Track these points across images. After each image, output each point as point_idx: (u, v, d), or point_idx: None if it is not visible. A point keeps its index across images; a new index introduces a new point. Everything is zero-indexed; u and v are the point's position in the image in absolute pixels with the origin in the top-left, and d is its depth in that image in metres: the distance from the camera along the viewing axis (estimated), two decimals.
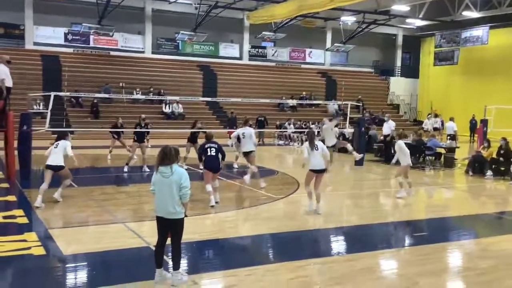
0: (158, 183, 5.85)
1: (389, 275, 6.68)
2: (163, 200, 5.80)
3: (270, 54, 37.24)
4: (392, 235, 8.99)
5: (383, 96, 39.06)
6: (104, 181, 13.23)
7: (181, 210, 5.84)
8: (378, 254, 7.44)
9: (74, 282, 6.05)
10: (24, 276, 6.19)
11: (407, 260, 7.26)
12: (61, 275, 6.26)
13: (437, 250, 7.67)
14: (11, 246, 7.08)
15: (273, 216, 9.67)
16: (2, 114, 12.52)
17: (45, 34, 30.19)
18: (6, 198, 10.61)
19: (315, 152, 9.55)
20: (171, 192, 5.74)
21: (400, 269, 6.89)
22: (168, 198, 5.76)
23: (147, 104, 29.73)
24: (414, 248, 7.97)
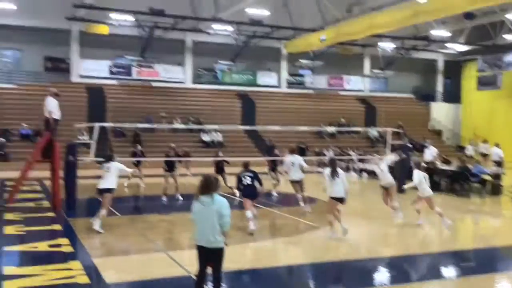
0: (198, 212, 5.89)
1: None
2: (204, 229, 5.82)
3: (308, 81, 37.36)
4: (438, 265, 8.69)
5: (424, 122, 38.35)
6: (145, 210, 13.43)
7: (221, 239, 5.84)
8: (424, 285, 7.21)
9: None
10: None
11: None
12: None
13: (485, 281, 7.36)
14: (56, 274, 7.24)
15: (313, 245, 9.55)
16: (49, 145, 12.99)
17: (90, 67, 31.36)
18: (52, 227, 10.91)
19: (336, 180, 9.69)
20: (212, 221, 5.77)
21: None
22: (208, 227, 5.78)
23: (186, 133, 30.22)
24: (461, 279, 7.68)
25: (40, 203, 13.94)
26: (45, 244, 9.09)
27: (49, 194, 14.55)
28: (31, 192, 15.84)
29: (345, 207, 12.72)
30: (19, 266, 7.87)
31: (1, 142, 25.08)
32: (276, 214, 12.76)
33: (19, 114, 27.07)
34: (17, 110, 27.42)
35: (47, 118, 12.92)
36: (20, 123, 26.47)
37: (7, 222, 10.94)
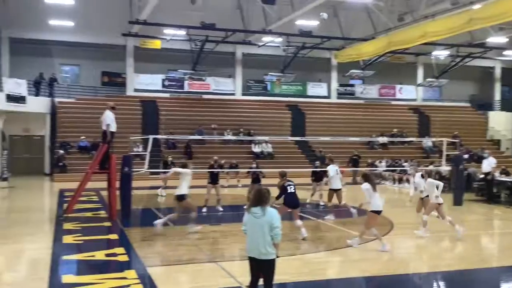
0: (249, 223, 5.91)
1: None
2: (255, 240, 5.83)
3: (359, 91, 36.91)
4: (499, 281, 8.31)
5: (482, 132, 36.94)
6: (198, 221, 13.59)
7: (272, 251, 5.83)
8: None
9: None
10: None
11: None
12: None
13: None
14: (112, 283, 7.43)
15: (365, 258, 9.35)
16: (106, 157, 13.43)
17: (144, 81, 32.31)
18: (108, 237, 11.24)
19: (377, 194, 9.76)
20: (263, 233, 5.77)
21: None
22: (259, 238, 5.79)
23: (237, 144, 30.47)
24: None
25: (97, 213, 14.40)
26: (102, 253, 9.37)
27: (105, 204, 15.01)
28: (88, 202, 16.41)
29: (399, 219, 12.47)
30: (77, 274, 8.13)
31: (60, 154, 26.15)
32: (327, 226, 12.61)
33: (77, 127, 28.18)
34: (76, 123, 28.55)
35: (105, 130, 13.38)
36: (78, 135, 27.53)
37: (66, 232, 11.36)
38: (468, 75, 38.02)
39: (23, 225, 12.56)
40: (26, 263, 9.09)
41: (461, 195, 16.57)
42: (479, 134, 36.43)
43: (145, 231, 12.33)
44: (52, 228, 11.98)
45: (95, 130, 22.83)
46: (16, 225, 12.75)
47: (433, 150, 31.77)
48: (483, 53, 33.29)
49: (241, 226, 6.08)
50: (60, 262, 8.87)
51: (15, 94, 25.97)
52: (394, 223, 12.89)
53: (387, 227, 12.43)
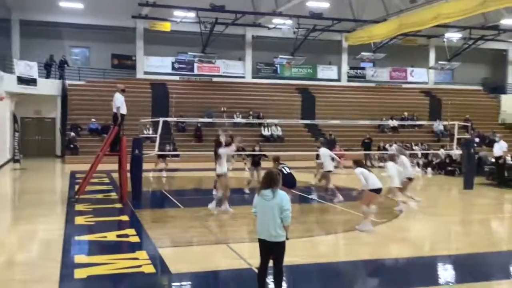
0: (260, 206, 5.93)
1: None
2: (265, 223, 5.86)
3: (369, 74, 36.62)
4: (508, 264, 8.30)
5: (494, 115, 36.56)
6: (208, 203, 13.68)
7: (282, 233, 5.86)
8: (492, 285, 6.91)
9: None
10: None
11: None
12: None
13: None
14: (124, 263, 7.53)
15: (375, 241, 9.38)
16: (116, 139, 13.51)
17: (154, 64, 32.29)
18: (120, 218, 11.35)
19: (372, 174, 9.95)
20: (273, 215, 5.80)
21: None
22: (270, 221, 5.81)
23: (247, 127, 30.45)
24: None
25: (108, 194, 14.54)
26: (113, 234, 9.47)
27: (116, 186, 15.14)
28: (99, 184, 16.55)
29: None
30: (89, 255, 8.24)
31: (71, 136, 26.35)
32: (337, 209, 12.64)
33: (88, 110, 28.33)
34: (86, 105, 28.69)
35: (115, 113, 13.43)
36: (89, 118, 27.68)
37: (77, 213, 11.49)
38: (481, 58, 37.54)
39: (36, 206, 12.71)
40: (39, 244, 9.23)
41: (471, 179, 16.48)
42: (491, 117, 36.07)
43: (156, 213, 12.45)
44: (64, 209, 12.12)
45: (106, 113, 22.95)
46: (28, 206, 12.92)
47: (444, 133, 31.56)
48: (496, 35, 32.80)
49: (249, 208, 6.11)
50: (72, 242, 8.99)
51: (26, 76, 26.11)
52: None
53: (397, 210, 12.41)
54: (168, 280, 6.98)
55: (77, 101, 28.94)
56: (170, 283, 6.88)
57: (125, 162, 13.58)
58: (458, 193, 16.13)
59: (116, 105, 13.35)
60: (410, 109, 33.75)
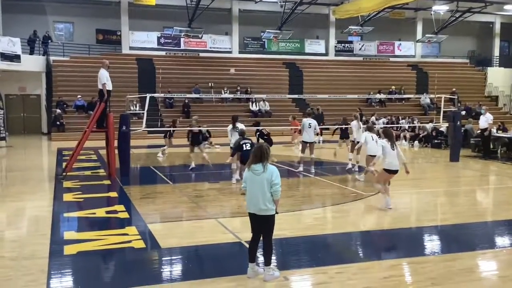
0: (249, 180, 5.95)
1: (490, 276, 6.31)
2: (255, 197, 5.90)
3: (357, 48, 36.52)
4: (493, 234, 8.46)
5: (480, 88, 36.85)
6: (196, 178, 13.71)
7: (272, 207, 5.90)
8: (478, 254, 7.05)
9: (170, 274, 6.34)
10: (126, 268, 6.58)
11: (510, 261, 6.82)
12: (159, 268, 6.58)
13: None
14: (114, 239, 7.56)
15: (363, 214, 9.51)
16: (103, 116, 13.40)
17: (139, 39, 31.86)
18: (108, 194, 11.35)
19: (392, 152, 9.35)
20: (263, 189, 5.83)
21: (502, 271, 6.48)
22: (259, 195, 5.85)
23: (235, 103, 30.37)
24: None
25: (96, 171, 14.49)
26: (102, 211, 9.47)
27: (104, 163, 15.08)
28: (87, 161, 16.49)
29: (398, 175, 12.60)
30: (78, 231, 8.24)
31: (57, 113, 26.07)
32: (324, 183, 12.74)
33: (73, 86, 27.99)
34: (71, 82, 28.33)
35: (101, 89, 13.29)
36: (75, 94, 27.36)
37: (65, 190, 11.46)
38: (468, 30, 37.60)
39: (23, 183, 12.65)
40: (27, 221, 9.21)
41: (458, 151, 16.68)
42: (478, 90, 36.36)
43: (145, 189, 12.45)
44: (52, 186, 12.08)
45: (92, 89, 22.70)
46: (16, 183, 12.85)
47: (431, 107, 31.75)
48: (483, 8, 32.79)
49: (238, 184, 6.12)
50: (61, 219, 8.99)
51: (9, 52, 25.65)
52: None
53: None
54: (158, 255, 7.02)
55: (62, 77, 28.56)
56: (160, 257, 6.92)
57: (112, 139, 13.51)
58: (444, 166, 16.32)
59: (101, 81, 13.20)
60: (397, 82, 33.84)
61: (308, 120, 14.13)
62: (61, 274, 6.25)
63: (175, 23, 30.84)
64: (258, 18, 33.59)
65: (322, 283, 5.90)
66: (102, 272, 6.54)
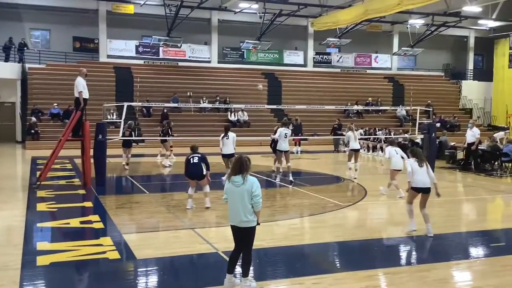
0: (230, 192, 5.93)
1: (463, 286, 6.41)
2: (236, 209, 5.87)
3: (335, 60, 36.90)
4: (467, 245, 8.59)
5: (455, 101, 37.57)
6: (174, 188, 13.61)
7: (253, 219, 5.88)
8: (452, 265, 7.15)
9: (146, 286, 6.26)
10: (100, 280, 6.47)
11: (483, 271, 6.93)
12: (133, 279, 6.49)
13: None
14: (88, 250, 7.43)
15: (340, 224, 9.56)
16: (79, 124, 13.24)
17: (117, 47, 31.59)
18: (83, 204, 11.18)
19: (419, 170, 8.61)
20: (243, 201, 5.81)
21: (476, 281, 6.58)
22: (240, 206, 5.83)
23: (213, 113, 30.33)
24: (491, 259, 7.58)
25: (71, 180, 14.26)
26: (77, 221, 9.33)
27: (79, 172, 14.86)
28: (62, 170, 16.23)
29: (372, 186, 12.70)
30: (52, 241, 8.09)
31: (32, 121, 25.64)
32: (302, 193, 12.77)
33: (49, 94, 27.58)
34: (47, 89, 27.93)
35: (77, 97, 13.14)
36: (50, 102, 26.96)
37: (39, 199, 11.25)
38: (443, 44, 38.35)
39: None
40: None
41: (432, 162, 16.85)
42: (452, 103, 37.06)
43: (120, 199, 12.31)
44: (25, 196, 11.85)
45: (67, 97, 22.42)
46: None
47: (407, 118, 32.20)
48: (457, 22, 33.51)
49: (216, 193, 6.10)
50: (34, 229, 8.81)
51: None
52: (367, 190, 13.15)
53: (361, 193, 12.68)
54: (133, 266, 6.93)
55: (37, 85, 28.14)
56: (136, 268, 6.83)
57: (88, 148, 13.33)
58: None
59: (78, 89, 13.06)
60: (374, 94, 34.25)
61: (285, 130, 14.40)
62: (33, 285, 6.12)
63: (154, 32, 30.72)
64: (238, 28, 33.72)
65: None
66: (76, 283, 6.43)
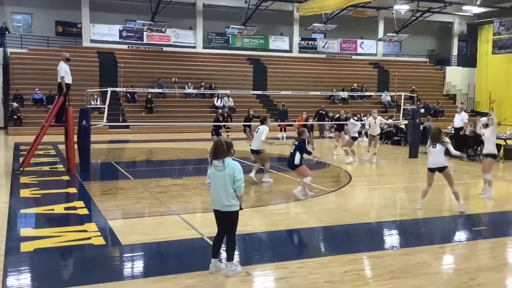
0: (212, 176, 5.92)
1: (446, 270, 6.50)
2: (218, 193, 5.87)
3: (321, 46, 36.87)
4: (449, 229, 8.72)
5: (439, 87, 37.87)
6: (159, 174, 13.56)
7: (235, 203, 5.89)
8: (435, 248, 7.25)
9: (131, 271, 6.25)
10: (85, 265, 6.45)
11: (465, 255, 7.04)
12: (119, 265, 6.48)
13: (496, 245, 7.39)
14: (73, 236, 7.38)
15: (325, 209, 9.62)
16: (62, 110, 13.08)
17: (101, 32, 31.17)
18: (67, 190, 11.08)
19: (433, 150, 9.48)
20: (225, 185, 5.81)
21: (458, 264, 6.69)
22: (222, 191, 5.83)
23: (198, 98, 30.19)
24: (472, 242, 7.71)
25: (55, 167, 14.14)
26: (61, 207, 9.26)
27: (63, 158, 14.73)
28: (45, 156, 16.07)
29: (359, 172, 12.78)
30: (36, 228, 8.03)
31: (15, 106, 25.28)
32: (289, 179, 12.81)
33: (31, 79, 27.19)
34: (29, 74, 27.52)
35: (60, 83, 12.96)
36: (33, 87, 26.58)
37: (22, 186, 11.13)
38: (427, 30, 38.52)
39: None
40: None
41: (416, 148, 17.07)
42: (436, 89, 37.36)
43: (105, 185, 12.24)
44: (9, 182, 11.71)
45: (50, 82, 22.14)
46: None
47: (392, 104, 32.39)
48: (442, 8, 33.64)
49: (201, 179, 6.10)
50: (17, 215, 8.73)
51: None
52: (352, 175, 13.24)
53: (345, 179, 12.77)
54: (118, 251, 6.90)
55: (19, 70, 27.70)
56: (121, 254, 6.81)
57: (72, 133, 13.20)
58: (404, 162, 16.69)
59: (60, 75, 12.87)
60: (359, 80, 34.36)
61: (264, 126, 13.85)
62: (17, 272, 6.07)
63: (138, 16, 30.35)
64: (223, 13, 33.44)
65: (283, 278, 5.93)
66: (61, 269, 6.39)
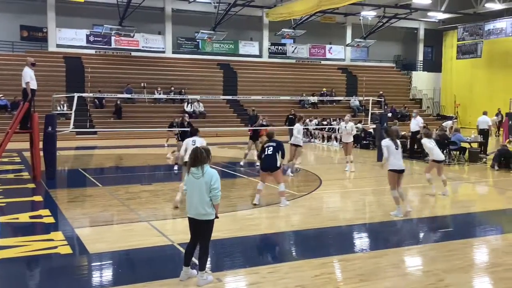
0: (189, 183, 5.86)
1: (414, 271, 6.60)
2: (194, 201, 5.80)
3: (290, 51, 37.14)
4: (417, 231, 8.88)
5: (405, 91, 38.63)
6: (128, 180, 13.38)
7: (211, 212, 5.83)
8: (403, 250, 7.36)
9: (100, 280, 6.13)
10: (51, 275, 6.29)
11: (433, 256, 7.17)
12: (87, 274, 6.35)
13: (463, 246, 7.55)
14: (38, 245, 7.21)
15: (295, 213, 9.66)
16: (27, 116, 12.77)
17: (67, 36, 30.64)
18: (33, 198, 10.83)
19: (396, 152, 9.28)
20: (201, 193, 5.75)
21: (426, 266, 6.80)
22: (198, 199, 5.77)
23: (168, 104, 29.96)
24: (439, 244, 7.85)
25: (20, 174, 13.80)
26: (26, 215, 9.03)
27: (28, 165, 14.38)
28: (10, 163, 15.66)
29: (326, 175, 12.92)
30: (0, 237, 7.79)
31: None
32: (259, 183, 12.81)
33: None
34: None
35: (24, 88, 12.66)
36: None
37: None
38: (394, 36, 39.28)
39: None
40: None
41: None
42: (403, 93, 38.09)
43: (72, 192, 11.99)
44: None
45: (15, 88, 21.62)
46: None
47: (360, 109, 32.86)
48: (408, 14, 34.39)
49: (171, 185, 6.03)
50: None
51: None
52: (322, 179, 13.35)
53: (316, 183, 12.86)
54: (86, 260, 6.77)
55: None
56: (89, 263, 6.68)
57: (37, 140, 12.90)
58: (372, 166, 16.92)
59: (25, 80, 12.57)
60: (328, 85, 34.74)
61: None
62: None
63: (106, 21, 29.95)
64: (192, 18, 33.34)
65: (254, 283, 5.92)
66: (26, 280, 6.22)
